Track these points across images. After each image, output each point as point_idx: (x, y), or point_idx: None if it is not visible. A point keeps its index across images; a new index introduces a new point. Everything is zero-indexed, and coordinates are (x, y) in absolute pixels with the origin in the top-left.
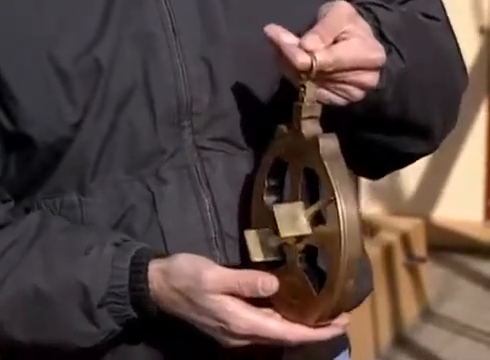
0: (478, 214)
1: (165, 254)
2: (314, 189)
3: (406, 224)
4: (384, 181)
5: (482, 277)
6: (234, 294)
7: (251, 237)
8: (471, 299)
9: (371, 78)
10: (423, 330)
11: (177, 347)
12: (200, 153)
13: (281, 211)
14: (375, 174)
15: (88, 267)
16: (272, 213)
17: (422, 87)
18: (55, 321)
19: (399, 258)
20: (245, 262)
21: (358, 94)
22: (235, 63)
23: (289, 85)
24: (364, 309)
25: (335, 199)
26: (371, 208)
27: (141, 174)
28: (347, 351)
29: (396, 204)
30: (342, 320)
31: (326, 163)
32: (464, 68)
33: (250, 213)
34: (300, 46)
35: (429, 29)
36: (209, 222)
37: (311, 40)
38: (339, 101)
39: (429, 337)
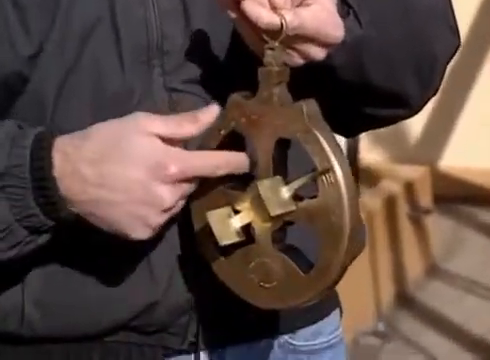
0: (487, 162)
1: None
2: (282, 162)
3: (410, 172)
4: None
5: None
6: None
7: (214, 219)
8: (480, 253)
9: (319, 52)
10: (428, 288)
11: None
12: (171, 96)
13: (264, 188)
14: (348, 133)
15: None
16: (256, 191)
17: (386, 53)
18: None
19: (402, 209)
20: None
21: (298, 62)
22: None
23: None
24: (363, 265)
25: (332, 167)
26: (372, 155)
27: (108, 118)
28: (338, 310)
29: (399, 151)
30: None
31: (315, 130)
32: (452, 27)
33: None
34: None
35: None
36: None
37: None
38: None
39: (435, 295)
